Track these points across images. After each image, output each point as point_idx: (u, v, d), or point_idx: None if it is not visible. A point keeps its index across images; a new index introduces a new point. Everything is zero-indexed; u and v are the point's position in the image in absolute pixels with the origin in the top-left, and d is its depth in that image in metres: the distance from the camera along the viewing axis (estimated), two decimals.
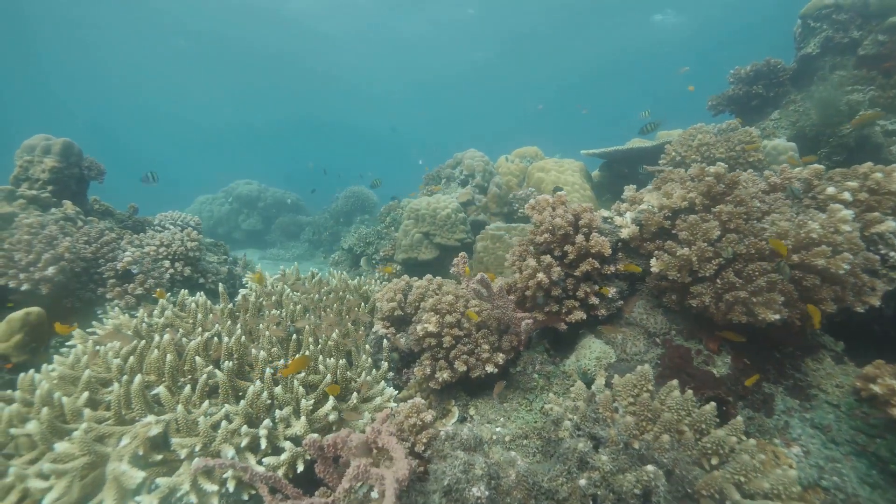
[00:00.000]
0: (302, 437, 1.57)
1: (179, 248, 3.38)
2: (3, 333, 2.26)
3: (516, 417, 1.85)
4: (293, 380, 1.80)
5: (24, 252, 2.44)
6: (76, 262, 2.58)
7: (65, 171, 3.42)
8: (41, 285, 2.45)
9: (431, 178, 7.81)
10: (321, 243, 15.51)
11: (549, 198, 2.17)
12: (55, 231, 2.66)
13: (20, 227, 2.65)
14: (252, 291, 2.98)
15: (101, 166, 3.67)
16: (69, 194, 3.49)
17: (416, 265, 6.10)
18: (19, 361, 2.29)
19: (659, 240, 1.77)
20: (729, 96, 6.72)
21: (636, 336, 1.73)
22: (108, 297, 2.69)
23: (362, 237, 7.14)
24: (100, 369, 1.84)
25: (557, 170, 7.12)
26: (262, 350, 1.90)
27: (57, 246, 2.53)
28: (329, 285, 3.44)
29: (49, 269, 2.43)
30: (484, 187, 6.80)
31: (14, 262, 2.44)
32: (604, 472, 1.29)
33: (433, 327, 2.03)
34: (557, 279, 1.81)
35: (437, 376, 1.92)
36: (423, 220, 6.08)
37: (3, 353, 2.25)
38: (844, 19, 5.70)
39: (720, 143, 4.81)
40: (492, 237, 5.64)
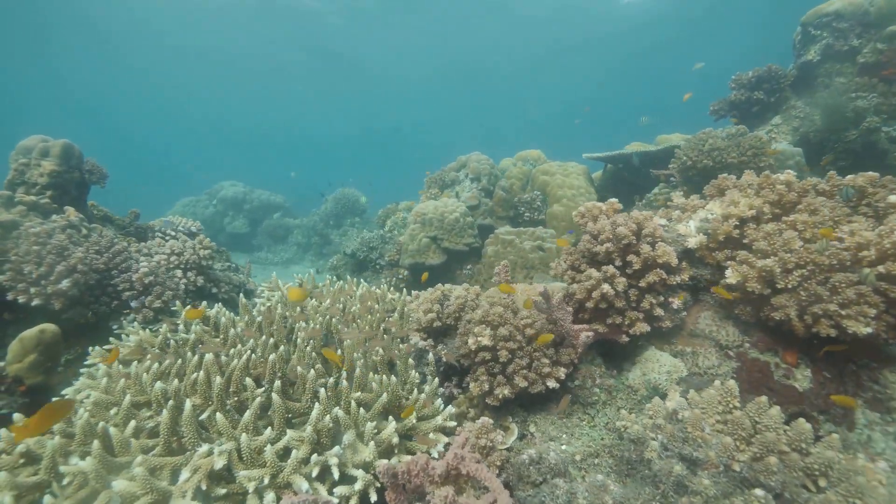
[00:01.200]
0: (370, 463, 1.46)
1: (192, 257, 3.21)
2: (17, 353, 2.08)
3: (580, 434, 1.78)
4: (350, 400, 1.69)
5: (33, 264, 2.26)
6: (89, 275, 2.40)
7: (65, 174, 3.21)
8: (53, 300, 2.27)
9: (434, 182, 7.72)
10: (310, 247, 15.23)
11: (601, 205, 2.11)
12: (64, 241, 2.47)
13: (26, 236, 2.45)
14: (277, 302, 2.84)
15: (102, 169, 3.47)
16: (69, 199, 3.29)
17: (424, 270, 5.99)
18: (34, 383, 2.11)
19: (727, 249, 1.73)
20: (731, 101, 6.82)
21: (707, 349, 1.69)
22: (124, 312, 2.52)
23: (365, 241, 6.99)
24: (133, 391, 1.70)
25: (562, 173, 7.12)
26: (310, 368, 1.79)
27: (69, 257, 2.36)
28: (350, 294, 3.32)
29: (63, 282, 2.25)
30: (490, 190, 6.75)
31: (24, 276, 2.26)
32: (706, 497, 1.22)
33: (487, 340, 1.94)
34: (623, 290, 1.75)
35: (496, 392, 1.83)
36: (430, 224, 5.99)
37: (17, 374, 2.07)
38: (844, 27, 5.84)
39: (731, 148, 4.85)
40: (502, 241, 5.58)
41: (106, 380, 1.72)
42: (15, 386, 2.07)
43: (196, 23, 21.47)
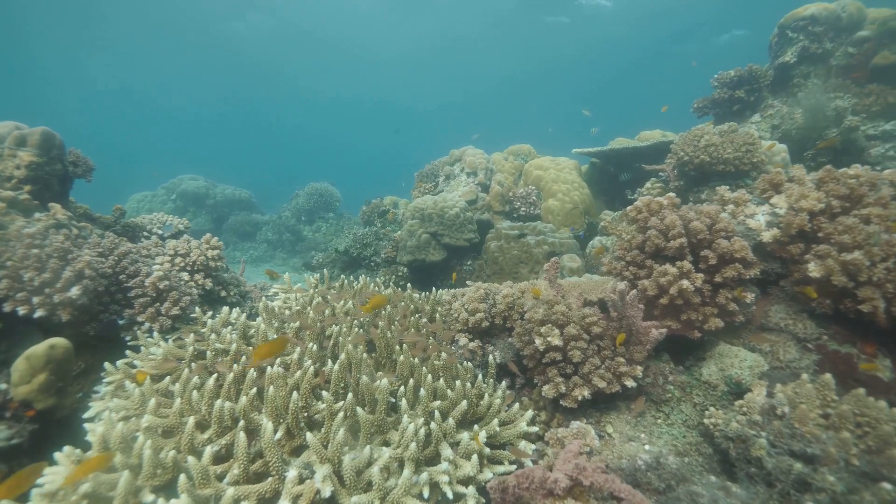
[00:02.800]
0: (472, 478, 1.36)
1: (199, 258, 2.94)
2: (23, 374, 1.80)
3: (659, 433, 1.75)
4: (432, 410, 1.58)
5: (34, 270, 1.96)
6: (98, 280, 2.13)
7: (45, 167, 2.84)
8: (60, 310, 1.98)
9: (426, 176, 7.57)
10: (281, 244, 14.64)
11: (661, 200, 2.09)
12: (65, 242, 2.17)
13: (19, 238, 2.13)
14: (304, 304, 2.65)
15: (88, 161, 3.09)
16: (52, 195, 2.91)
17: (424, 267, 5.87)
18: (45, 407, 1.84)
19: (800, 243, 1.75)
20: (714, 99, 7.08)
21: (785, 342, 1.71)
22: (138, 321, 2.25)
23: (359, 238, 6.76)
24: (186, 412, 1.50)
25: (555, 168, 7.17)
26: (382, 378, 1.65)
27: (75, 261, 2.07)
28: (372, 295, 3.16)
29: (72, 289, 1.97)
30: (486, 185, 6.69)
31: (23, 283, 1.95)
32: (833, 494, 1.22)
33: (558, 340, 1.88)
34: (700, 286, 1.74)
35: (575, 394, 1.77)
36: (429, 219, 5.86)
37: (25, 398, 1.79)
38: (819, 31, 6.19)
39: (726, 144, 5.03)
40: (506, 237, 5.55)
41: (154, 401, 1.51)
42: (22, 411, 1.79)
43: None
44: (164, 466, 1.27)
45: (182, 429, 1.40)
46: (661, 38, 24.69)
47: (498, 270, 5.49)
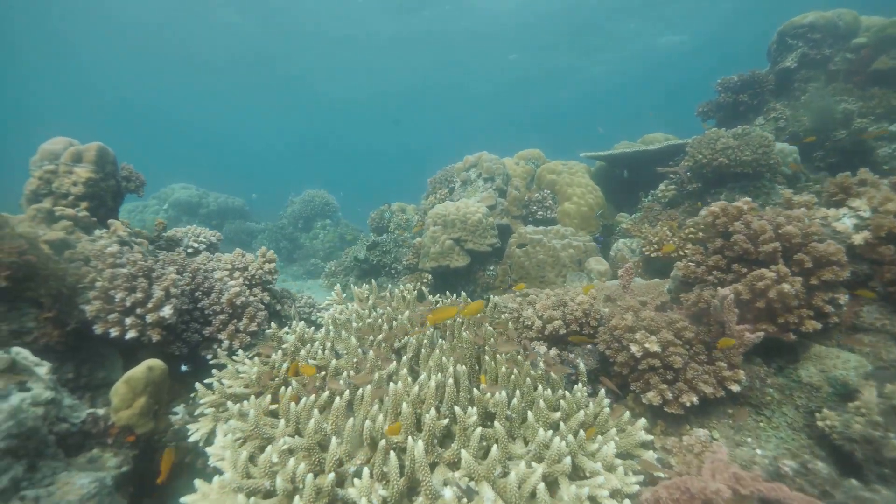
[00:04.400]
0: (619, 491, 1.38)
1: (258, 272, 2.90)
2: (124, 398, 1.74)
3: (766, 437, 1.80)
4: (555, 422, 1.60)
5: (124, 290, 1.91)
6: (182, 299, 2.08)
7: (101, 182, 2.77)
8: (150, 331, 1.93)
9: (440, 182, 7.59)
10: (279, 252, 14.42)
11: (739, 205, 2.16)
12: (146, 260, 2.12)
13: (99, 257, 2.07)
14: (381, 317, 2.64)
15: (140, 176, 3.03)
16: (106, 211, 2.84)
17: (448, 273, 5.88)
18: (144, 432, 1.79)
19: (890, 244, 1.83)
20: (718, 103, 7.30)
21: (885, 342, 1.78)
22: (219, 338, 2.21)
23: (378, 246, 6.72)
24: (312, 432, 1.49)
25: (568, 172, 7.28)
26: (501, 389, 1.66)
27: (160, 280, 2.02)
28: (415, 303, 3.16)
29: (164, 309, 1.92)
30: (503, 190, 6.75)
31: (114, 304, 1.90)
32: None
33: (656, 347, 1.92)
34: (798, 289, 1.80)
35: (682, 400, 1.81)
36: (452, 225, 5.88)
37: (126, 423, 1.74)
38: (818, 38, 6.46)
39: (744, 146, 5.19)
40: (531, 241, 5.60)
41: (284, 422, 1.49)
42: (123, 437, 1.74)
43: None
44: (319, 491, 1.26)
45: (315, 449, 1.39)
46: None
47: (524, 275, 5.53)
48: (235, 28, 21.59)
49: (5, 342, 1.77)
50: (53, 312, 1.85)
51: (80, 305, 1.92)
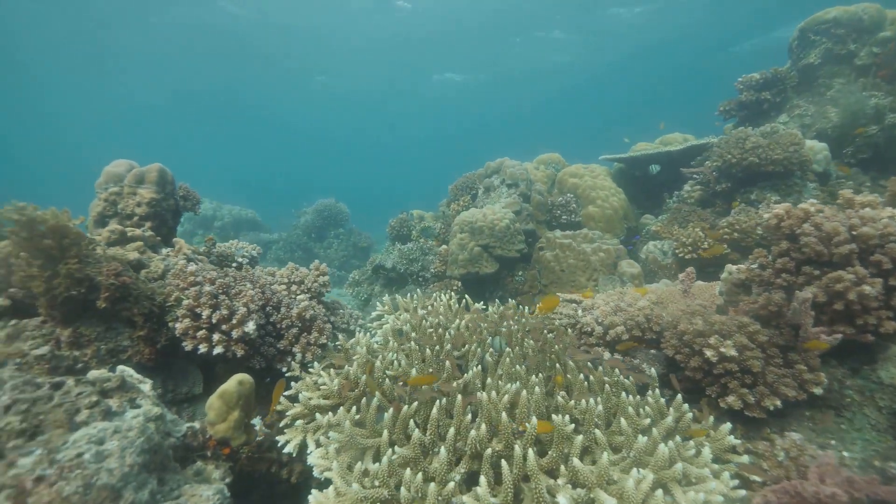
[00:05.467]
0: (729, 496, 1.40)
1: (313, 285, 2.97)
2: (220, 412, 1.80)
3: (850, 439, 1.81)
4: (651, 430, 1.62)
5: (209, 307, 1.98)
6: (259, 314, 2.14)
7: (162, 202, 2.86)
8: (234, 346, 2.00)
9: (461, 189, 7.65)
10: (293, 262, 14.54)
11: (806, 207, 2.18)
12: (225, 277, 2.19)
13: (179, 275, 2.14)
14: (425, 324, 2.68)
15: (196, 195, 3.12)
16: (167, 230, 2.93)
17: (477, 279, 5.92)
18: (237, 445, 1.85)
19: None
20: (741, 102, 7.28)
21: None
22: (293, 352, 2.27)
23: (405, 254, 6.79)
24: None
25: (591, 175, 7.30)
26: (590, 397, 1.69)
27: (239, 296, 2.08)
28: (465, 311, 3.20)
29: (248, 324, 1.98)
30: (527, 195, 6.78)
31: (200, 321, 1.97)
32: None
33: (732, 351, 1.94)
34: (878, 290, 1.82)
35: (766, 404, 1.83)
36: (480, 232, 5.92)
37: (223, 436, 1.80)
38: (842, 33, 6.43)
39: (774, 145, 5.18)
40: (560, 246, 5.63)
41: (387, 433, 1.53)
42: (219, 449, 1.80)
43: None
44: (439, 499, 1.30)
45: (420, 459, 1.43)
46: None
47: (555, 279, 5.55)
48: (234, 25, 21.57)
49: (104, 361, 1.85)
50: (145, 331, 1.92)
51: (168, 323, 1.99)
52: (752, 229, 4.67)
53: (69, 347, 1.78)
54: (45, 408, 1.43)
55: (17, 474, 1.09)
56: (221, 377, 2.29)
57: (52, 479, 1.10)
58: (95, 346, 1.81)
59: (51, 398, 1.47)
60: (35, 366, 1.68)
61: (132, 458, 1.27)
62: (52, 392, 1.50)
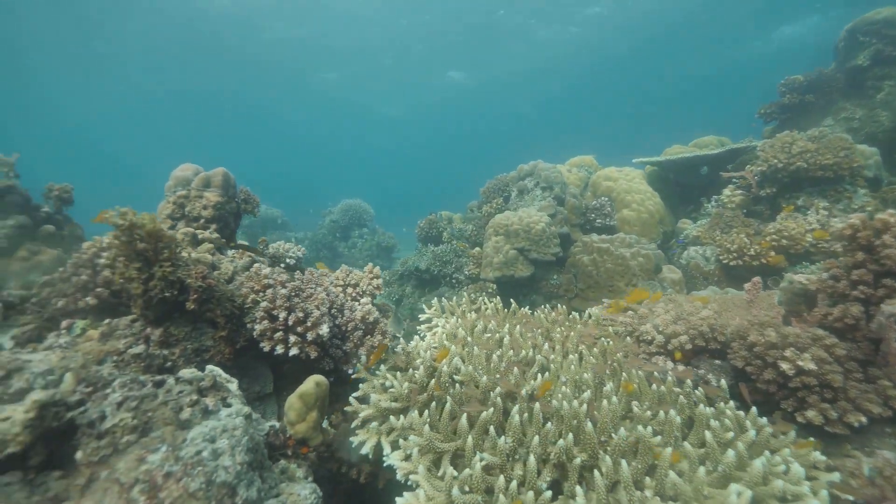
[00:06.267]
0: None
1: (368, 287, 3.02)
2: (299, 412, 1.86)
3: None
4: (726, 440, 1.60)
5: (284, 310, 2.04)
6: (329, 317, 2.20)
7: (226, 205, 2.97)
8: (307, 347, 2.06)
9: (492, 192, 7.64)
10: (319, 261, 14.78)
11: (887, 217, 2.11)
12: (296, 280, 2.26)
13: (253, 277, 2.22)
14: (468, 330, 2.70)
15: (256, 198, 3.22)
16: (229, 232, 3.03)
17: (512, 282, 5.91)
18: (315, 444, 1.90)
19: None
20: (784, 104, 7.07)
21: None
22: (358, 354, 2.32)
23: (438, 256, 6.83)
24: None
25: (625, 178, 7.20)
26: (669, 408, 1.68)
27: (311, 298, 2.15)
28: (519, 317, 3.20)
29: (322, 327, 2.04)
30: (562, 199, 6.74)
31: (276, 323, 2.04)
32: None
33: (811, 364, 1.89)
34: None
35: (849, 420, 1.78)
36: (515, 235, 5.91)
37: (303, 436, 1.85)
38: (893, 34, 6.17)
39: (824, 150, 5.01)
40: (598, 250, 5.57)
41: (471, 438, 1.56)
42: (298, 449, 1.86)
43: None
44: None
45: (506, 465, 1.45)
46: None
47: (592, 284, 5.50)
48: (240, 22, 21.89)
49: (190, 360, 1.93)
50: (226, 331, 2.00)
51: (247, 324, 2.07)
52: (802, 236, 4.53)
53: (159, 346, 1.87)
54: (152, 405, 1.50)
55: (149, 470, 1.16)
56: (289, 378, 2.36)
57: (179, 476, 1.16)
58: (183, 345, 1.90)
59: (156, 396, 1.54)
60: (132, 363, 1.77)
61: (241, 457, 1.32)
62: (156, 390, 1.58)
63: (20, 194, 2.61)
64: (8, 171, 2.60)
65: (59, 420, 1.47)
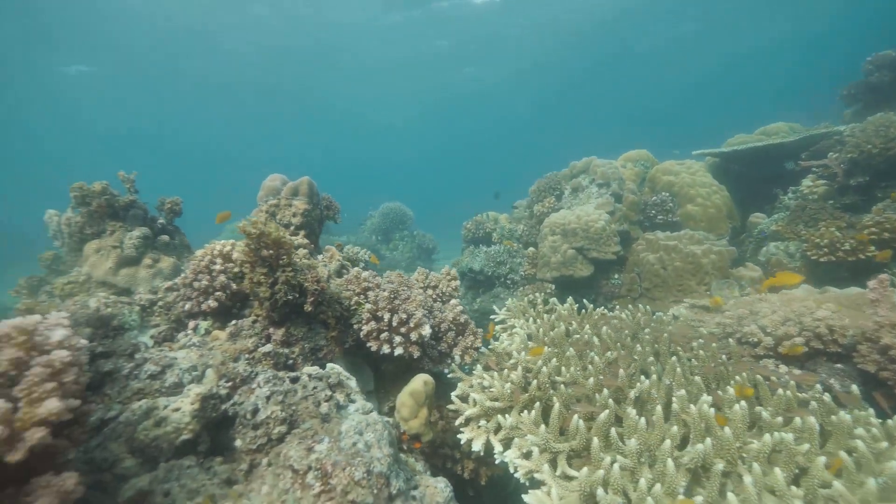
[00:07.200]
0: None
1: (447, 289, 3.07)
2: (412, 409, 1.94)
3: None
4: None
5: (387, 311, 2.13)
6: (428, 317, 2.27)
7: (312, 212, 3.13)
8: (411, 348, 2.13)
9: (544, 190, 7.54)
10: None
11: None
12: (393, 283, 2.35)
13: (353, 280, 2.34)
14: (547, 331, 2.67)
15: (337, 205, 3.38)
16: (314, 238, 3.19)
17: (570, 282, 5.80)
18: (427, 440, 1.97)
19: None
20: (868, 84, 6.49)
21: None
22: (452, 355, 2.38)
23: (491, 256, 6.83)
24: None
25: (688, 171, 6.88)
26: (809, 415, 1.59)
27: (409, 301, 2.23)
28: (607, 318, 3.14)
29: (425, 328, 2.11)
30: (620, 195, 6.54)
31: (381, 324, 2.13)
32: None
33: None
34: None
35: None
36: (573, 234, 5.80)
37: (416, 431, 1.93)
38: None
39: None
40: (665, 248, 5.36)
41: (597, 440, 1.55)
42: (412, 444, 1.93)
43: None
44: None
45: (638, 468, 1.43)
46: None
47: (660, 283, 5.29)
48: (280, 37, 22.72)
49: (307, 358, 2.06)
50: (336, 332, 2.11)
51: (353, 325, 2.18)
52: None
53: (281, 345, 2.00)
54: (294, 399, 1.62)
55: (318, 458, 1.25)
56: (386, 377, 2.45)
57: (343, 465, 1.24)
58: (301, 344, 2.02)
59: (295, 391, 1.66)
60: (262, 361, 1.91)
61: (387, 449, 1.40)
62: (293, 385, 1.70)
63: (140, 208, 2.88)
64: (129, 187, 2.88)
65: (216, 411, 1.61)
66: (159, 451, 1.49)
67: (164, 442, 1.51)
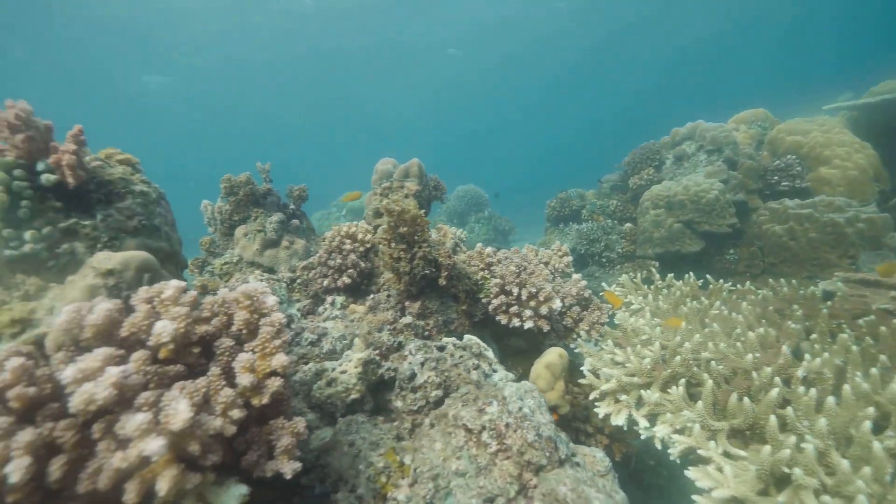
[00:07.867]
0: None
1: (559, 265, 3.00)
2: (549, 381, 1.96)
3: None
4: None
5: (515, 285, 2.15)
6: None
7: (422, 193, 3.23)
8: (540, 322, 2.14)
9: (639, 162, 6.98)
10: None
11: None
12: (510, 258, 2.36)
13: (475, 256, 2.39)
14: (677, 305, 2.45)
15: (444, 185, 3.46)
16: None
17: (677, 258, 5.35)
18: (563, 413, 1.98)
19: None
20: None
21: None
22: (578, 331, 2.34)
23: (584, 234, 6.54)
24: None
25: (820, 130, 5.89)
26: None
27: (535, 275, 2.22)
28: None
29: (555, 301, 2.11)
30: (734, 161, 5.83)
31: (510, 298, 2.16)
32: None
33: None
34: None
35: None
36: (681, 206, 5.32)
37: (554, 403, 1.95)
38: None
39: None
40: (796, 217, 4.69)
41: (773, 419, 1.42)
42: (551, 415, 1.95)
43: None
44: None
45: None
46: None
47: (789, 258, 4.67)
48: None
49: (441, 330, 2.16)
50: (466, 305, 2.18)
51: (482, 299, 2.23)
52: None
53: (416, 318, 2.12)
54: (445, 366, 1.71)
55: (491, 419, 1.31)
56: (508, 351, 2.49)
57: (514, 427, 1.29)
58: (435, 317, 2.13)
59: (444, 359, 1.75)
60: (404, 331, 2.05)
61: (548, 416, 1.42)
62: (441, 354, 1.79)
63: (275, 195, 3.22)
64: (265, 176, 3.22)
65: (375, 375, 1.76)
66: (335, 407, 1.68)
67: (337, 400, 1.69)
